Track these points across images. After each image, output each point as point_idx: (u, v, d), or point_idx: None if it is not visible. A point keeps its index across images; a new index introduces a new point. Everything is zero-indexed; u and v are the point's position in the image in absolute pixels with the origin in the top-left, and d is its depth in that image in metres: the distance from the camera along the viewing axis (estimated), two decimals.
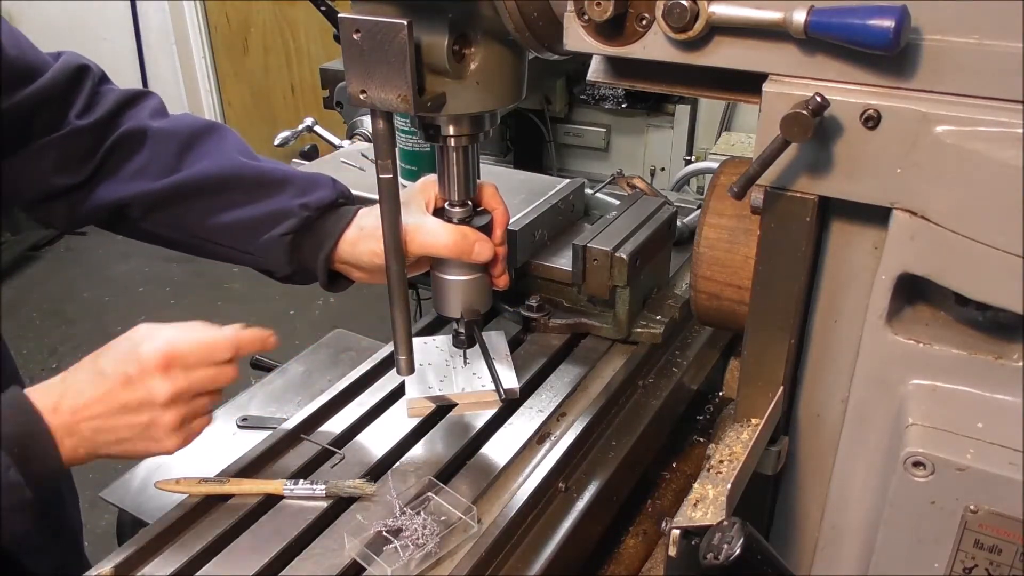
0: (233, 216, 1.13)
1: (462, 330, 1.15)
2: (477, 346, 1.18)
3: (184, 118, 1.22)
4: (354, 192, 1.44)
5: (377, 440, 1.11)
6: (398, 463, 1.07)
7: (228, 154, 1.17)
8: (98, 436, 0.91)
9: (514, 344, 1.30)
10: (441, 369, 1.22)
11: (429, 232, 1.05)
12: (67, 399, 0.90)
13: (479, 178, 1.09)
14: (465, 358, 1.21)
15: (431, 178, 1.11)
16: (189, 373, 0.92)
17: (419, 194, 1.10)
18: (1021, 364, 0.76)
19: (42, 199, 1.15)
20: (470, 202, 1.08)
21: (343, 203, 1.17)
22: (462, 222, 1.07)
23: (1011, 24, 0.66)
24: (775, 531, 1.03)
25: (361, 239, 1.11)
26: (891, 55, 0.67)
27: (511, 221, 1.30)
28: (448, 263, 1.10)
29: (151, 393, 0.91)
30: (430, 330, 1.35)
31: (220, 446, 1.33)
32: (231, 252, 1.16)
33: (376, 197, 0.99)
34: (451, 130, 1.00)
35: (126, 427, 0.92)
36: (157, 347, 0.92)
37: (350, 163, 1.58)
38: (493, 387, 1.17)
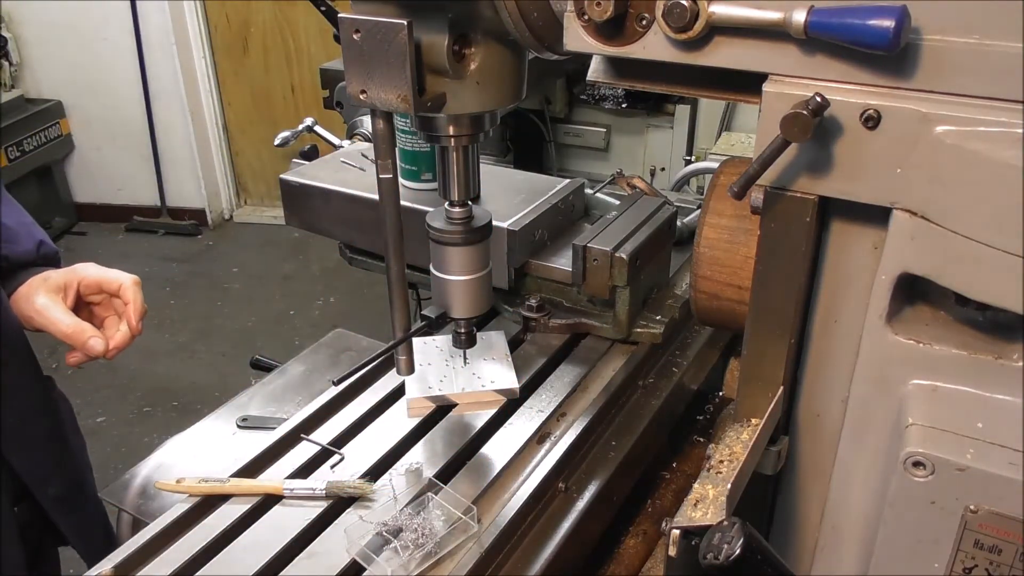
0: None
1: (462, 330, 1.15)
2: (477, 346, 1.18)
3: None
4: (354, 192, 1.45)
5: (377, 440, 1.11)
6: (398, 463, 1.07)
7: None
8: None
9: (514, 344, 1.30)
10: (441, 369, 1.22)
11: (52, 316, 1.16)
12: None
13: (479, 178, 1.09)
14: (465, 358, 1.21)
15: (81, 269, 1.22)
16: None
17: (61, 280, 1.20)
18: (1021, 364, 0.76)
19: None
20: (470, 202, 1.08)
21: (39, 265, 1.25)
22: (462, 222, 1.07)
23: (1011, 24, 0.66)
24: (775, 531, 1.03)
25: (19, 300, 1.19)
26: (891, 55, 0.67)
27: (511, 221, 1.31)
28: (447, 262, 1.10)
29: None
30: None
31: (220, 446, 1.33)
32: None
33: (376, 197, 0.99)
34: (451, 130, 1.00)
35: None
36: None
37: (350, 163, 1.58)
38: (493, 387, 1.17)
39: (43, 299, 1.17)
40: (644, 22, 0.77)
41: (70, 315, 1.17)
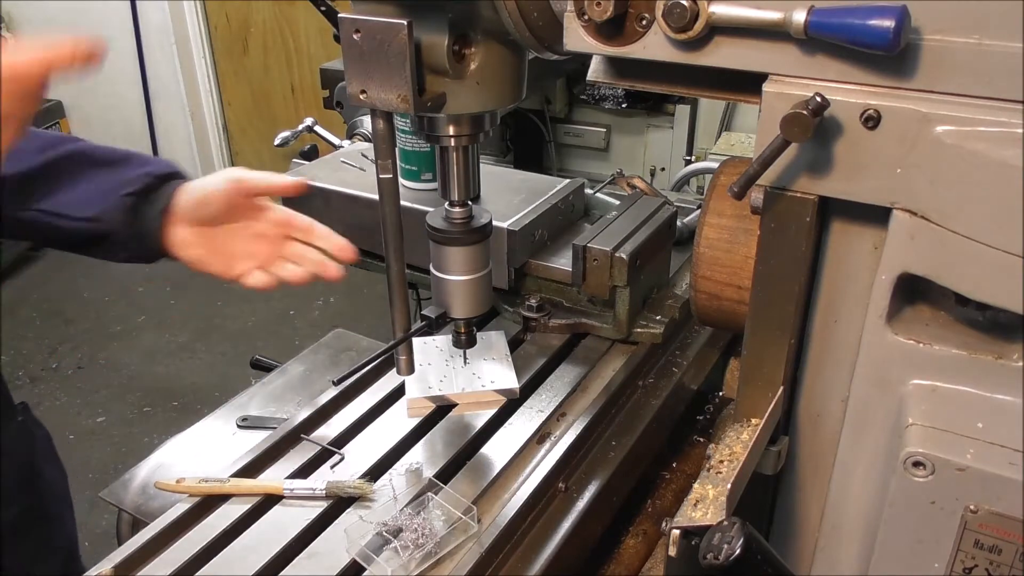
0: (88, 187, 1.16)
1: (462, 330, 1.15)
2: (477, 346, 1.18)
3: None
4: (354, 192, 1.45)
5: (377, 440, 1.11)
6: (398, 463, 1.07)
7: (83, 144, 1.21)
8: None
9: (514, 344, 1.30)
10: (441, 369, 1.22)
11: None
12: None
13: (479, 178, 1.09)
14: (465, 358, 1.21)
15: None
16: None
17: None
18: (1021, 364, 0.76)
19: None
20: (469, 203, 1.08)
21: (179, 177, 1.21)
22: (462, 222, 1.07)
23: (1011, 24, 0.66)
24: (775, 531, 1.03)
25: (188, 195, 1.16)
26: (891, 55, 0.67)
27: (511, 221, 1.30)
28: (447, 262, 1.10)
29: None
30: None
31: (220, 446, 1.33)
32: (76, 225, 1.17)
33: (376, 197, 0.99)
34: (451, 130, 1.00)
35: None
36: None
37: (350, 163, 1.58)
38: (493, 387, 1.17)
39: (190, 254, 1.16)
40: (644, 22, 0.77)
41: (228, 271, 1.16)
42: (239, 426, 1.41)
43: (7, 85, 0.83)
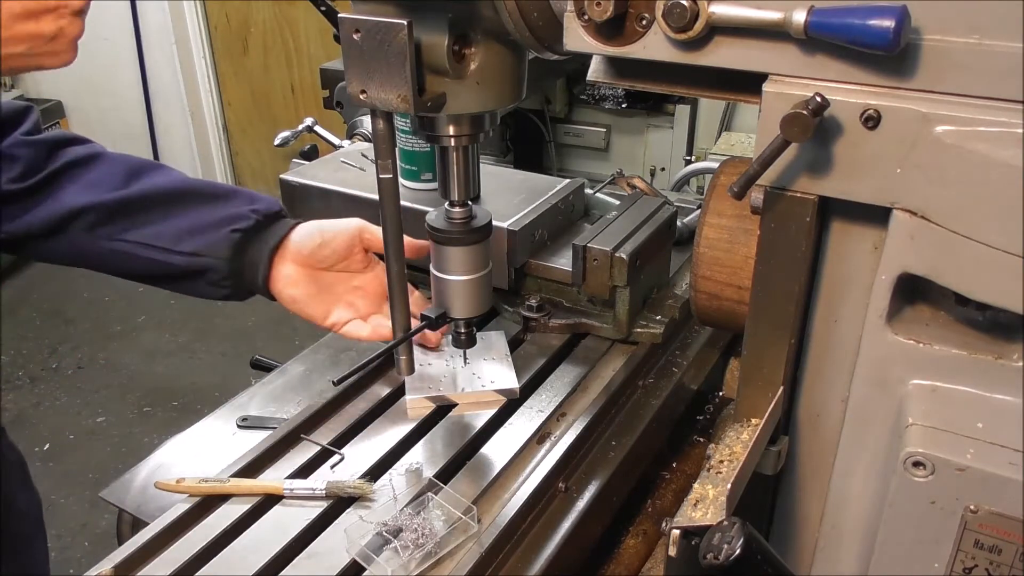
0: (188, 221, 1.17)
1: (462, 330, 1.15)
2: (477, 346, 1.18)
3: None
4: (354, 192, 1.45)
5: (377, 440, 1.11)
6: (398, 463, 1.07)
7: (176, 174, 1.22)
8: None
9: (514, 344, 1.30)
10: (441, 369, 1.22)
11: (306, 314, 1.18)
12: None
13: (479, 178, 1.09)
14: (465, 358, 1.21)
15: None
16: None
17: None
18: (1021, 364, 0.76)
19: None
20: (470, 203, 1.08)
21: (285, 215, 1.23)
22: (462, 222, 1.07)
23: (1011, 24, 0.66)
24: (775, 531, 1.03)
25: (307, 234, 1.18)
26: (891, 55, 0.67)
27: (511, 221, 1.30)
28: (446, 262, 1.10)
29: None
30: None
31: (220, 446, 1.33)
32: (174, 259, 1.17)
33: (376, 197, 0.99)
34: (451, 130, 1.00)
35: (27, 36, 0.86)
36: None
37: (350, 163, 1.58)
38: (493, 387, 1.17)
39: (292, 293, 1.17)
40: (644, 22, 0.77)
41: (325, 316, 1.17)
42: (239, 426, 1.40)
43: None
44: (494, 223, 1.14)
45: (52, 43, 0.88)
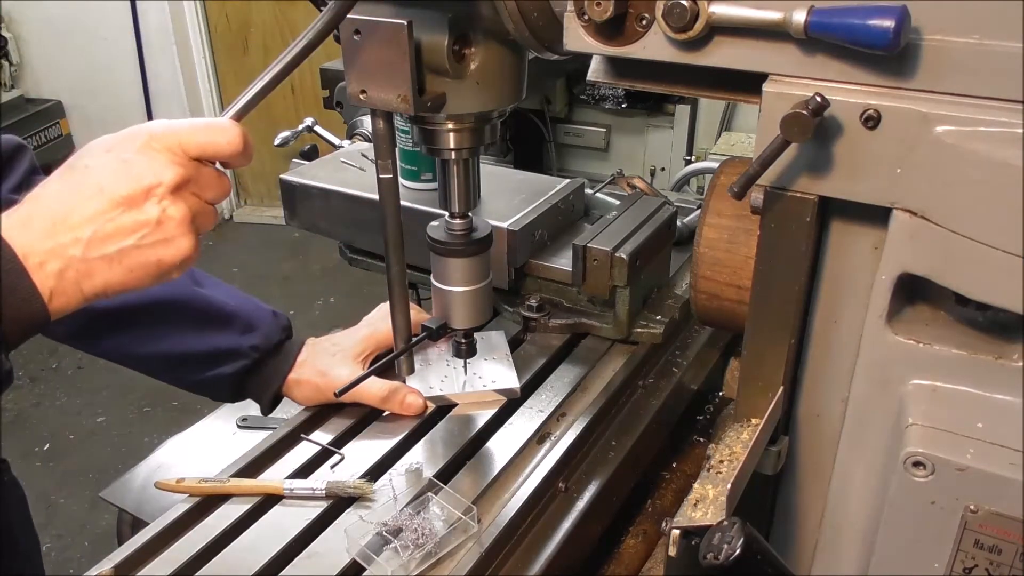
0: (177, 348, 1.15)
1: (463, 340, 1.15)
2: (477, 346, 1.18)
3: None
4: (354, 192, 1.45)
5: (377, 440, 1.11)
6: (398, 463, 1.07)
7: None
8: (91, 250, 0.72)
9: (514, 344, 1.30)
10: (441, 369, 1.22)
11: (363, 393, 1.13)
12: (44, 214, 0.72)
13: (480, 188, 1.09)
14: (465, 368, 1.21)
15: (371, 330, 1.21)
16: (197, 165, 0.77)
17: (358, 345, 1.19)
18: (1021, 364, 0.76)
19: None
20: (470, 214, 1.08)
21: (286, 339, 1.22)
22: (463, 233, 1.07)
23: (1011, 24, 0.66)
24: (775, 531, 1.03)
25: (302, 380, 1.17)
26: (891, 55, 0.67)
27: (511, 221, 1.30)
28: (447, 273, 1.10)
29: (157, 175, 0.73)
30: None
31: (220, 446, 1.33)
32: (168, 380, 1.18)
33: (376, 197, 0.99)
34: (452, 143, 0.99)
35: (130, 228, 0.73)
36: (154, 127, 0.76)
37: (350, 163, 1.58)
38: (494, 387, 1.17)
39: (345, 372, 1.15)
40: (644, 22, 0.77)
41: (378, 381, 1.13)
42: (239, 426, 1.41)
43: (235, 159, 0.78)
44: (494, 223, 1.14)
45: (158, 229, 0.75)
